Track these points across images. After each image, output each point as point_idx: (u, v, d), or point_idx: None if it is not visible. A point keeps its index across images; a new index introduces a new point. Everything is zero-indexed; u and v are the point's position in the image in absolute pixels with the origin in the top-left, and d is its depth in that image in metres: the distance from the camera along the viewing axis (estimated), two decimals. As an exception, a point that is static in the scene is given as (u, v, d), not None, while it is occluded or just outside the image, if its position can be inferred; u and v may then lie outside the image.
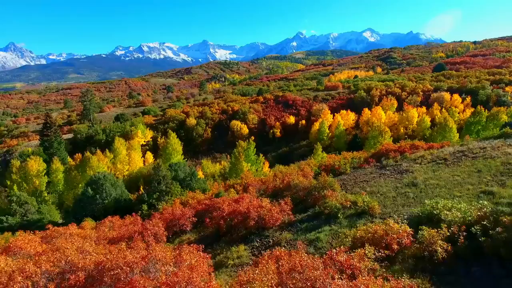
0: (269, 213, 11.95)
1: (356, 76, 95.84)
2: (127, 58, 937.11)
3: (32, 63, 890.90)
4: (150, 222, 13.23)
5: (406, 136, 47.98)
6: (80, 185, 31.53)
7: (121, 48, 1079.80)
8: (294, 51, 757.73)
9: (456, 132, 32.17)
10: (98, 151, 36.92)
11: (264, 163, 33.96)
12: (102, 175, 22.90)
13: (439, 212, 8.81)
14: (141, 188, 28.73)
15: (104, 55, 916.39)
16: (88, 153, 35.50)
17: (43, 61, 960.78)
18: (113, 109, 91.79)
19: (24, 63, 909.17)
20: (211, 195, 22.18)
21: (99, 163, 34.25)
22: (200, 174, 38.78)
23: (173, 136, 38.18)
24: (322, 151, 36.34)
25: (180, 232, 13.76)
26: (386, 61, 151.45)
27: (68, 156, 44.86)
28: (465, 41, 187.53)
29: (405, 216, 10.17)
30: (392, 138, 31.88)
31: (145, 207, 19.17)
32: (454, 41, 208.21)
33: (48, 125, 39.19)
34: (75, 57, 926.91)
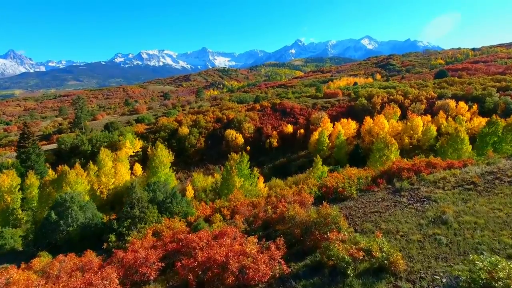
0: (254, 264, 8.91)
1: (355, 83, 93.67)
2: (126, 65, 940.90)
3: (31, 70, 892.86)
4: (102, 271, 10.15)
5: (411, 146, 45.31)
6: (54, 203, 28.48)
7: (120, 56, 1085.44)
8: (292, 58, 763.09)
9: (468, 143, 29.33)
10: (77, 164, 33.83)
11: (258, 178, 30.91)
12: (69, 196, 19.80)
13: (502, 287, 5.84)
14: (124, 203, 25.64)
15: (103, 62, 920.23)
16: (65, 167, 32.49)
17: (43, 68, 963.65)
18: (107, 117, 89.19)
19: (23, 70, 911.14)
20: (194, 220, 19.11)
21: (78, 178, 31.12)
22: (190, 189, 35.74)
23: (161, 148, 35.16)
24: (322, 164, 33.29)
25: (142, 283, 10.69)
26: (385, 68, 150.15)
27: (50, 169, 41.84)
28: (464, 48, 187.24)
29: (444, 280, 7.18)
30: (398, 150, 29.02)
31: (112, 237, 16.06)
32: (453, 48, 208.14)
33: (26, 135, 36.21)
34: (75, 64, 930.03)
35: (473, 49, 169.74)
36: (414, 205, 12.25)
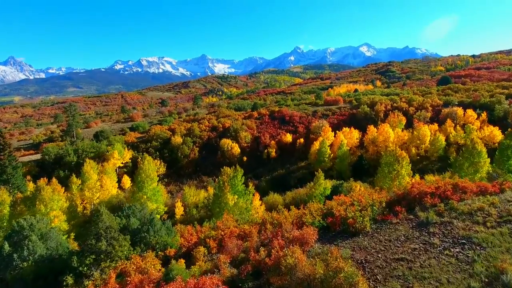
0: None
1: (356, 90, 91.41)
2: (126, 72, 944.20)
3: (31, 77, 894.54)
4: None
5: (418, 157, 42.45)
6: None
7: (120, 62, 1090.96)
8: (292, 65, 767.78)
9: (486, 156, 26.48)
10: (54, 179, 30.79)
11: (254, 195, 27.89)
12: (28, 223, 16.74)
13: None
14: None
15: (103, 69, 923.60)
16: (41, 182, 29.53)
17: (42, 75, 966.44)
18: (101, 124, 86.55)
19: (23, 77, 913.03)
20: (174, 253, 16.05)
21: (54, 194, 28.07)
22: (179, 205, 32.67)
23: (148, 160, 32.09)
24: (324, 178, 30.28)
25: None
26: (385, 74, 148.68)
27: (31, 182, 38.79)
28: (463, 55, 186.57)
29: None
30: (410, 165, 26.11)
31: (70, 280, 13.01)
32: (452, 55, 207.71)
33: (1, 146, 33.24)
34: (75, 71, 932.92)
35: (473, 56, 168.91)
36: (452, 250, 9.27)
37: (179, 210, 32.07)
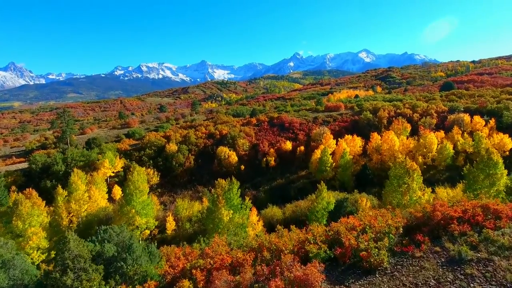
0: None
1: (356, 96, 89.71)
2: (126, 78, 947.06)
3: (31, 83, 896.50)
4: None
5: (425, 166, 40.28)
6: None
7: (120, 68, 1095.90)
8: (291, 71, 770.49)
9: (503, 167, 24.37)
10: (34, 192, 28.58)
11: (251, 209, 25.64)
12: (-12, 248, 14.50)
13: None
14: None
15: (103, 75, 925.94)
16: (20, 196, 27.26)
17: (43, 81, 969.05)
18: (96, 131, 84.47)
19: (23, 82, 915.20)
20: (154, 287, 13.76)
21: (33, 209, 25.80)
22: (170, 220, 30.43)
23: (138, 171, 29.88)
24: (326, 189, 28.04)
25: None
26: (385, 80, 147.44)
27: (15, 193, 36.54)
28: (463, 61, 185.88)
29: None
30: (421, 177, 23.91)
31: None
32: (451, 61, 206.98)
33: (-19, 156, 31.16)
34: (75, 76, 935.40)
35: (473, 62, 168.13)
36: (504, 305, 7.07)
37: (170, 225, 29.83)
